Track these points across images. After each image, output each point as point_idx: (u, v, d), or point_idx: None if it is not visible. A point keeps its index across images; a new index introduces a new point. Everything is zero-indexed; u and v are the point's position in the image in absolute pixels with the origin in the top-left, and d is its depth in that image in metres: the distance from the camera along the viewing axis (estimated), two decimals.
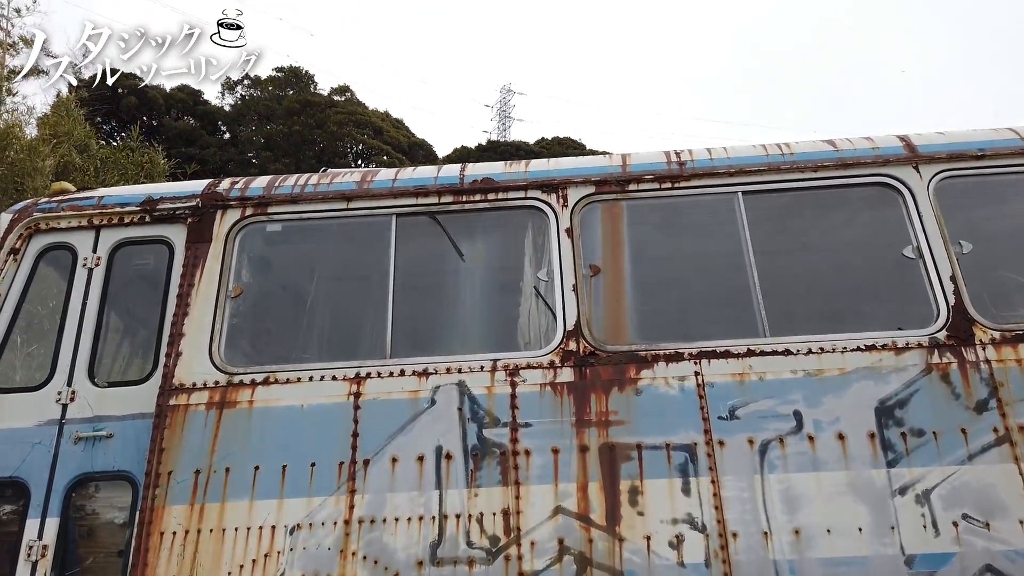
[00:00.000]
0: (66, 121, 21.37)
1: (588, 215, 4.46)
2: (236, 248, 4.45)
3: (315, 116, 39.92)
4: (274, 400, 4.00)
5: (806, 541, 3.59)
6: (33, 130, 21.07)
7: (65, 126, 20.99)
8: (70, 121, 21.37)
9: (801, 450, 3.75)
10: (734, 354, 3.97)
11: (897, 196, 4.33)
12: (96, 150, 21.46)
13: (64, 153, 19.43)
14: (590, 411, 3.91)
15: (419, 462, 3.84)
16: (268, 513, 3.78)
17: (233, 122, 42.00)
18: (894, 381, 3.84)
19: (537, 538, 3.67)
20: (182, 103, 39.62)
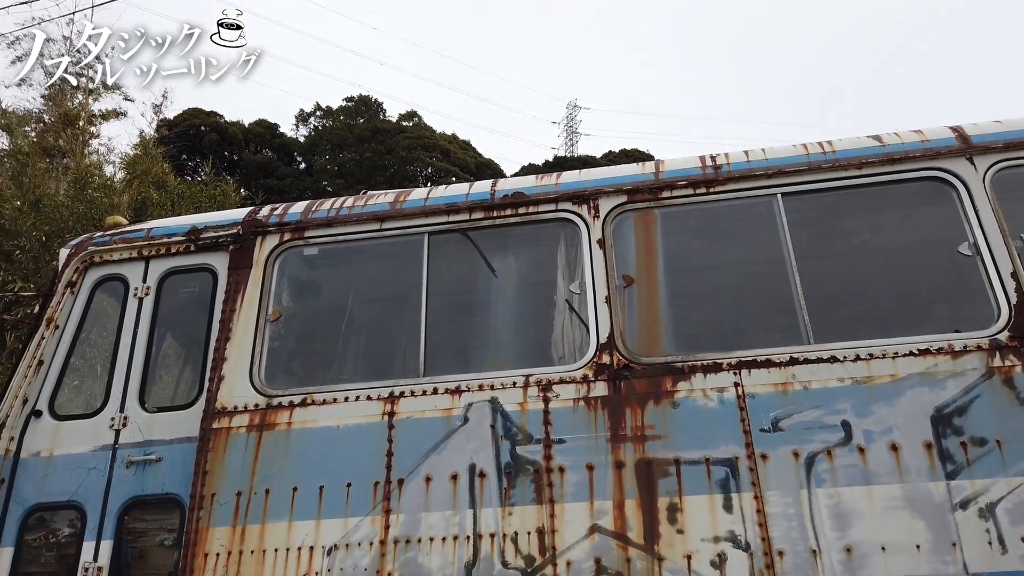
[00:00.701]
0: (144, 159, 22.54)
1: (621, 225, 4.37)
2: (275, 273, 4.55)
3: (385, 142, 40.96)
4: (311, 421, 4.05)
5: (859, 559, 3.38)
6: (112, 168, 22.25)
7: (144, 164, 22.14)
8: (148, 159, 22.52)
9: (851, 462, 3.54)
10: (776, 363, 3.79)
11: (950, 190, 4.08)
12: (173, 186, 22.53)
13: (142, 189, 20.44)
14: (625, 426, 3.80)
15: (452, 481, 3.81)
16: (306, 534, 3.81)
17: (308, 152, 43.49)
18: (951, 387, 3.59)
19: (573, 557, 3.58)
20: (260, 137, 41.34)
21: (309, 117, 45.02)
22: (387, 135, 41.90)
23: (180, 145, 34.23)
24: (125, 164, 22.54)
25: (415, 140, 41.75)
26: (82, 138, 21.18)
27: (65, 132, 20.62)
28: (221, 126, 39.84)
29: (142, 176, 21.05)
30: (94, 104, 22.72)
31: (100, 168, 20.31)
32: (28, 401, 4.40)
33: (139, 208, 19.67)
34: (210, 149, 37.16)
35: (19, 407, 4.37)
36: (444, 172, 40.87)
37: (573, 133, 58.83)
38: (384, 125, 43.19)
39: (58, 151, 20.60)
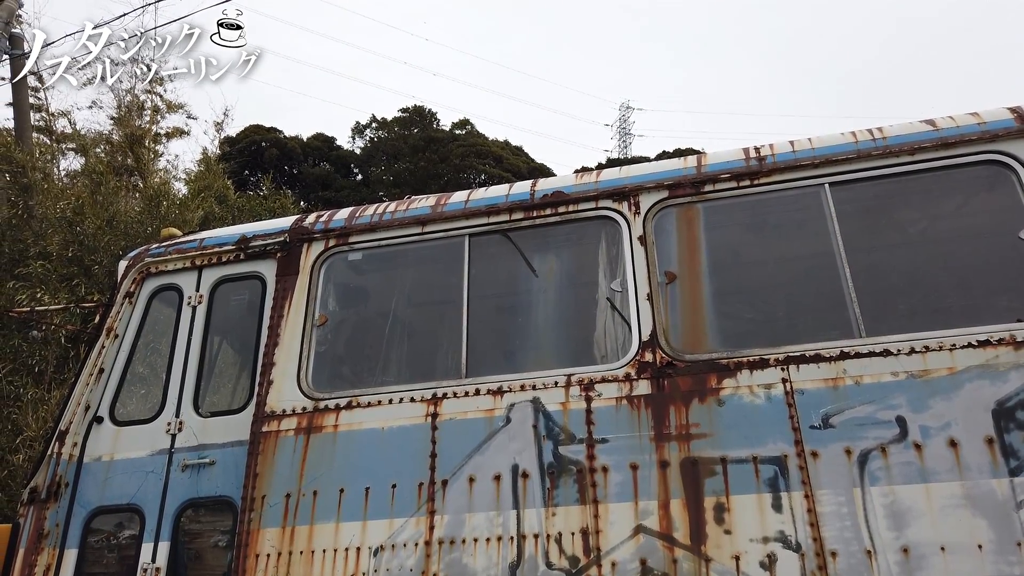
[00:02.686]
0: (207, 175, 23.34)
1: (662, 221, 4.30)
2: (321, 278, 4.64)
3: (439, 151, 41.42)
4: (356, 424, 4.11)
5: (917, 560, 3.23)
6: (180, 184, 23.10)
7: (207, 179, 22.92)
8: (211, 175, 23.32)
9: (907, 459, 3.40)
10: (825, 357, 3.67)
11: (1009, 174, 3.87)
12: (233, 200, 23.26)
13: (206, 204, 21.17)
14: (669, 424, 3.73)
15: (496, 481, 3.81)
16: (353, 535, 3.87)
17: (364, 164, 44.28)
18: (1014, 379, 3.41)
19: (618, 558, 3.54)
20: (317, 150, 42.33)
21: (365, 129, 45.86)
22: (440, 144, 42.36)
23: (241, 161, 35.33)
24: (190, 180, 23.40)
25: (468, 148, 42.09)
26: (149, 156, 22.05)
27: (132, 151, 21.50)
28: (280, 141, 40.93)
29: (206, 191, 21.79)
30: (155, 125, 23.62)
31: (169, 185, 21.11)
32: (90, 408, 4.59)
33: (204, 223, 20.37)
34: (270, 164, 38.25)
35: (81, 413, 4.57)
36: (497, 178, 41.00)
37: (626, 135, 58.45)
38: (437, 134, 43.66)
39: (126, 170, 21.50)
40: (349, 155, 44.20)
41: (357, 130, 46.01)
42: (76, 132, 22.39)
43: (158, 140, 23.78)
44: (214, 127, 26.73)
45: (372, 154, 44.58)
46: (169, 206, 19.27)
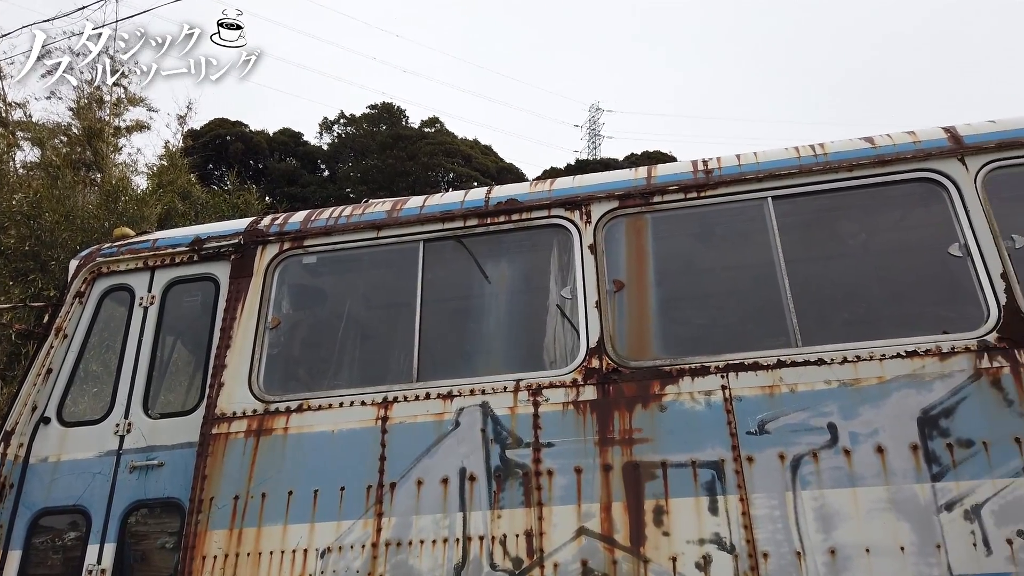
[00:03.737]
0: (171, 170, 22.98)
1: (613, 230, 4.41)
2: (275, 281, 4.66)
3: (407, 148, 41.26)
4: (307, 426, 4.15)
5: (843, 561, 3.38)
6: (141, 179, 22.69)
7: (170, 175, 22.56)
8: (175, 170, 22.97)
9: (836, 464, 3.55)
10: (763, 366, 3.81)
11: (941, 191, 4.06)
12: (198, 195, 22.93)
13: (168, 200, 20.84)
14: (613, 429, 3.84)
15: (443, 484, 3.88)
16: (301, 537, 3.90)
17: (331, 160, 43.93)
18: (939, 389, 3.58)
19: (560, 560, 3.63)
20: (284, 145, 41.89)
21: (333, 125, 45.50)
22: (409, 141, 42.20)
23: (205, 155, 34.85)
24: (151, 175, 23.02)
25: (437, 146, 42.01)
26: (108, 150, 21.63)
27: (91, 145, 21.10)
28: (246, 135, 40.43)
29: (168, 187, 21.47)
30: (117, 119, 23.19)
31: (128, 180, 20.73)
32: (37, 408, 4.55)
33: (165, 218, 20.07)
34: (235, 158, 37.76)
35: (28, 414, 4.53)
36: (466, 177, 41.04)
37: (596, 136, 58.86)
38: (406, 131, 43.50)
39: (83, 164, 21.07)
40: (316, 151, 43.82)
41: (325, 126, 45.64)
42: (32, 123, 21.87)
43: (119, 133, 23.37)
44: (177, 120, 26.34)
45: (340, 150, 44.26)
46: (127, 201, 18.92)
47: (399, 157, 40.96)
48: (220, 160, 37.52)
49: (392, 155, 41.07)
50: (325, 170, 43.70)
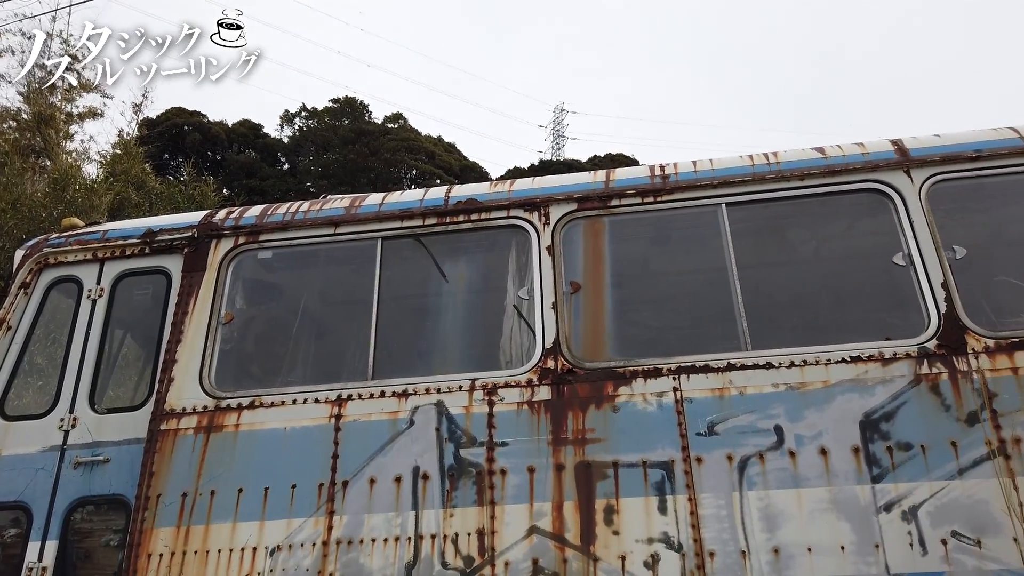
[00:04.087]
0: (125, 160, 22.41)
1: (571, 232, 4.45)
2: (229, 276, 4.60)
3: (369, 144, 40.90)
4: (259, 423, 4.10)
5: (786, 560, 3.47)
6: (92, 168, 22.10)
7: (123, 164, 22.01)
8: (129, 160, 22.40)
9: (782, 466, 3.64)
10: (714, 368, 3.89)
11: (888, 202, 4.19)
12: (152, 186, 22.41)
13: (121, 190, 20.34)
14: (567, 429, 3.88)
15: (396, 483, 3.87)
16: (250, 535, 3.86)
17: (292, 153, 43.32)
18: (880, 393, 3.70)
19: (511, 558, 3.65)
20: (243, 137, 41.16)
21: (294, 118, 44.85)
22: (372, 137, 41.84)
23: (162, 144, 34.08)
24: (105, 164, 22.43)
25: (400, 142, 41.73)
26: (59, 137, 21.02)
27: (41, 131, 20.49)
28: (204, 126, 39.63)
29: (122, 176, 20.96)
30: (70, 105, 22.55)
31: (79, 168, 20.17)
32: None
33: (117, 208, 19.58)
34: (192, 149, 37.02)
35: None
36: (428, 174, 40.89)
37: (560, 137, 59.15)
38: (369, 127, 43.12)
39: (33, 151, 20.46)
40: (276, 143, 43.17)
41: (286, 118, 44.98)
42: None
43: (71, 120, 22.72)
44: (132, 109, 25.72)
45: (301, 144, 43.68)
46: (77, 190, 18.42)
47: (361, 152, 40.60)
48: (177, 150, 36.77)
49: (354, 150, 40.68)
50: (285, 163, 43.09)
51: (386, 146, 41.01)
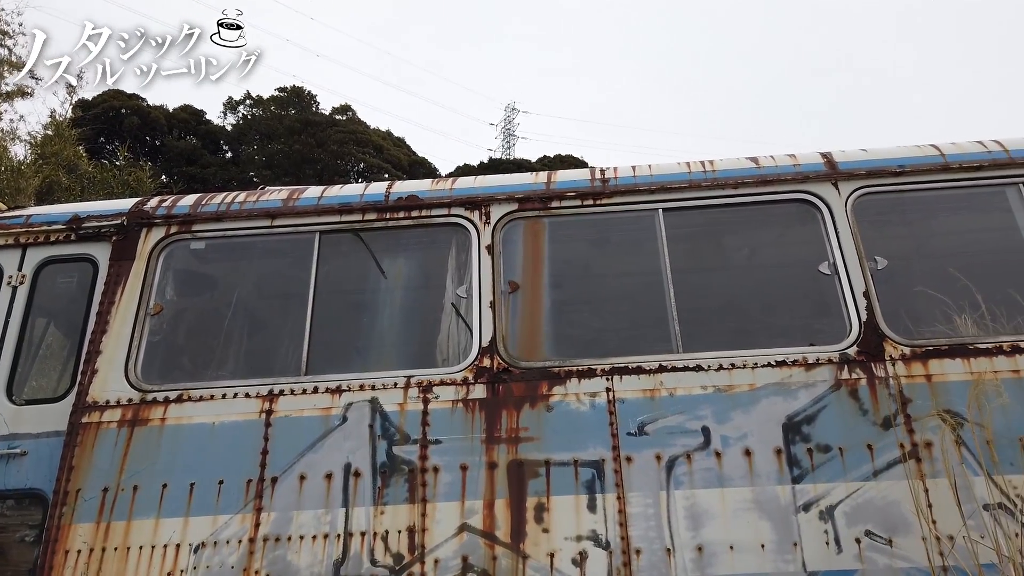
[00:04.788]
0: (56, 141, 21.52)
1: (511, 232, 4.48)
2: (159, 266, 4.48)
3: (316, 135, 40.24)
4: (186, 418, 4.01)
5: (708, 558, 3.57)
6: (21, 149, 21.20)
7: (54, 146, 21.14)
8: (60, 142, 21.52)
9: (708, 466, 3.74)
10: (646, 370, 3.96)
11: (816, 212, 4.34)
12: (84, 170, 21.59)
13: (50, 173, 19.54)
14: (500, 428, 3.90)
15: (327, 480, 3.83)
16: (173, 531, 3.77)
17: (235, 141, 42.29)
18: (803, 397, 3.83)
19: (441, 556, 3.66)
20: (184, 123, 39.96)
21: (238, 105, 43.76)
22: (319, 128, 41.18)
23: (97, 127, 32.86)
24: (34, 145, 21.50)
25: (348, 134, 41.18)
26: None
27: None
28: (143, 110, 38.33)
29: (52, 159, 20.15)
30: None
31: (5, 149, 19.28)
32: None
33: (46, 192, 18.81)
34: (129, 133, 35.78)
35: None
36: (376, 168, 40.47)
37: (511, 136, 59.22)
38: (316, 118, 42.41)
39: None
40: (219, 131, 42.08)
41: (230, 105, 43.86)
42: None
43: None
44: (66, 89, 24.74)
45: (244, 132, 42.68)
46: (2, 172, 17.67)
47: (307, 143, 39.93)
48: (113, 134, 35.50)
49: (300, 140, 39.98)
50: (228, 152, 42.06)
51: (333, 138, 40.44)
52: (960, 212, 4.74)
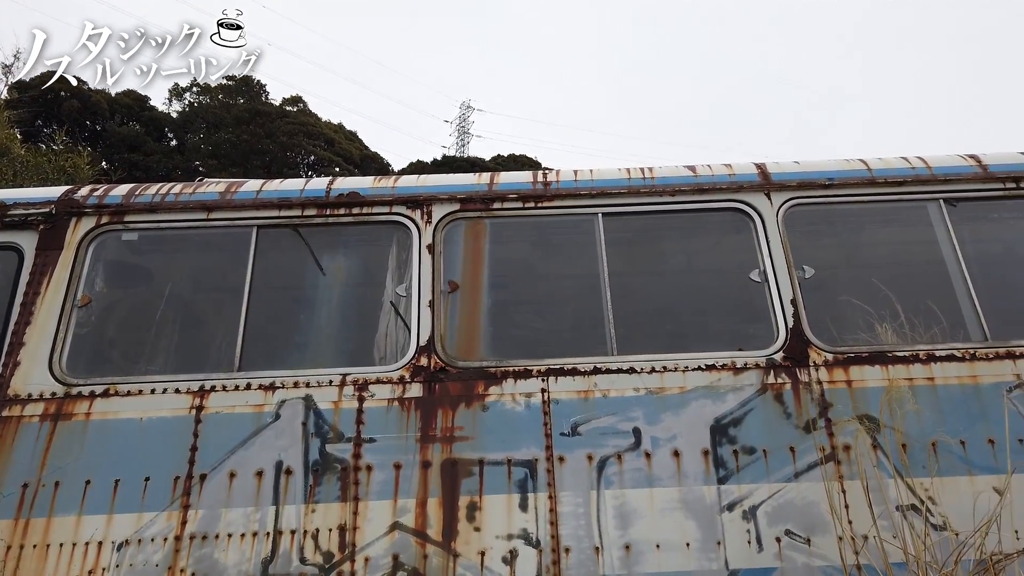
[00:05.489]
0: None
1: (452, 232, 4.50)
2: (89, 257, 4.36)
3: (265, 126, 39.42)
4: (112, 413, 3.91)
5: (636, 556, 3.65)
6: None
7: None
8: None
9: (637, 466, 3.82)
10: (581, 371, 4.03)
11: (749, 221, 4.48)
12: (18, 153, 20.79)
13: None
14: (436, 427, 3.92)
15: (257, 477, 3.79)
16: (96, 529, 3.67)
17: (180, 129, 41.13)
18: (731, 400, 3.95)
19: (372, 554, 3.66)
20: (127, 108, 38.69)
21: (184, 93, 42.58)
22: (268, 118, 40.35)
23: (34, 110, 31.61)
24: None
25: (298, 126, 40.47)
26: None
27: None
28: (84, 93, 37.01)
29: None
30: None
31: None
32: None
33: None
34: (69, 117, 34.53)
35: None
36: (327, 161, 39.91)
37: (465, 134, 59.00)
38: (266, 107, 41.54)
39: None
40: (164, 118, 40.88)
41: (175, 92, 42.65)
42: None
43: None
44: (2, 69, 23.81)
45: (190, 120, 41.57)
46: None
47: (256, 134, 39.11)
48: (52, 118, 34.18)
49: (248, 131, 39.13)
50: (173, 139, 40.90)
51: (283, 129, 39.70)
52: (884, 225, 4.95)
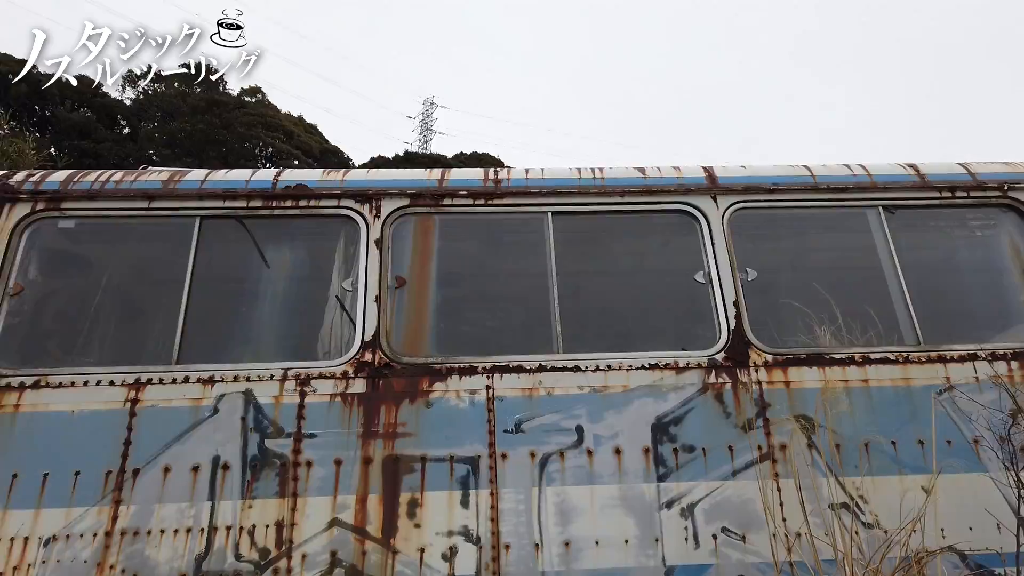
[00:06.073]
0: None
1: (401, 227, 4.46)
2: (23, 244, 4.22)
3: (222, 116, 38.63)
4: (43, 405, 3.79)
5: (575, 553, 3.67)
6: None
7: None
8: None
9: (579, 464, 3.84)
10: (526, 369, 4.04)
11: (695, 223, 4.54)
12: None
13: None
14: (378, 423, 3.88)
15: (193, 472, 3.71)
16: (22, 524, 3.56)
17: (134, 117, 40.03)
18: (672, 399, 4.00)
19: (309, 550, 3.61)
20: (79, 94, 37.52)
21: (138, 79, 41.44)
22: (225, 108, 39.55)
23: None
24: None
25: (257, 117, 39.76)
26: None
27: None
28: (32, 76, 35.81)
29: None
30: None
31: None
32: None
33: None
34: (16, 100, 33.38)
35: None
36: (286, 154, 39.29)
37: (428, 130, 58.64)
38: (223, 97, 40.70)
39: None
40: (116, 105, 39.73)
41: (129, 79, 41.50)
42: None
43: None
44: None
45: (144, 107, 40.47)
46: None
47: (212, 124, 38.30)
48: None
49: (205, 120, 38.29)
50: (126, 127, 39.81)
51: (241, 120, 38.96)
52: (826, 230, 5.06)
